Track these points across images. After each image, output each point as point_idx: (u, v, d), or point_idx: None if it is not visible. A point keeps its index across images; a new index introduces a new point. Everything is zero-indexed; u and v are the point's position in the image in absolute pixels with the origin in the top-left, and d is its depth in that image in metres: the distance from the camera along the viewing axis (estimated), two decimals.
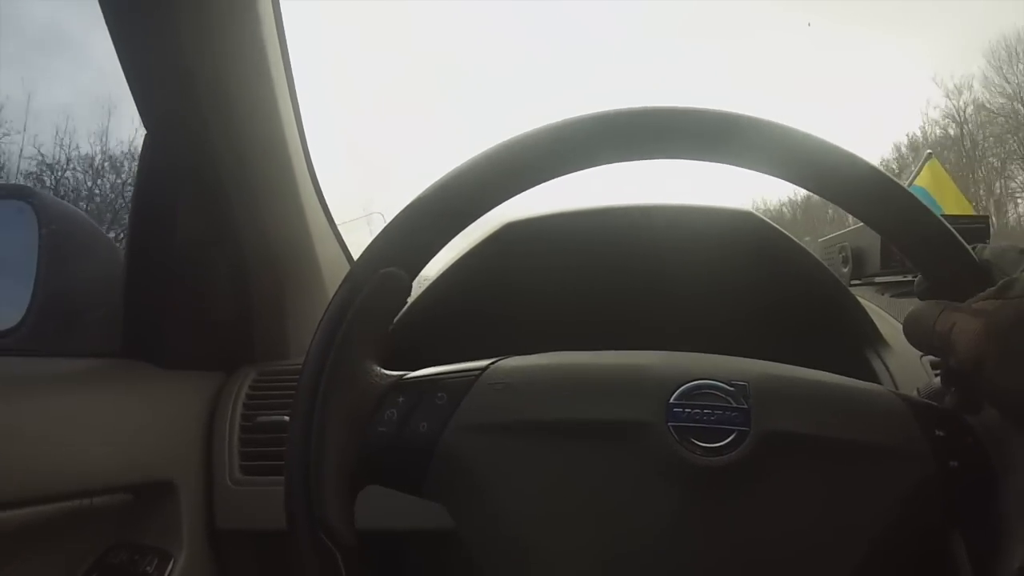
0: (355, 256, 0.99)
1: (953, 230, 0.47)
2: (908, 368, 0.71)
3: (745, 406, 0.44)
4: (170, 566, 0.72)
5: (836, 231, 1.16)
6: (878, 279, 1.05)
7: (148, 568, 0.71)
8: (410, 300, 0.76)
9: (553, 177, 0.50)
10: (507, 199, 0.51)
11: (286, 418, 0.76)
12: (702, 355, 0.49)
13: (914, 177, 1.66)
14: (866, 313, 0.78)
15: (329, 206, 0.94)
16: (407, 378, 0.48)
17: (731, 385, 0.45)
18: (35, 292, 0.75)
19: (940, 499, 0.43)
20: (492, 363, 0.48)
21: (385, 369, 0.48)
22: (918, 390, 0.55)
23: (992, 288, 0.42)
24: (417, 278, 0.50)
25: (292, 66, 0.84)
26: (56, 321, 0.76)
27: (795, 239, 0.76)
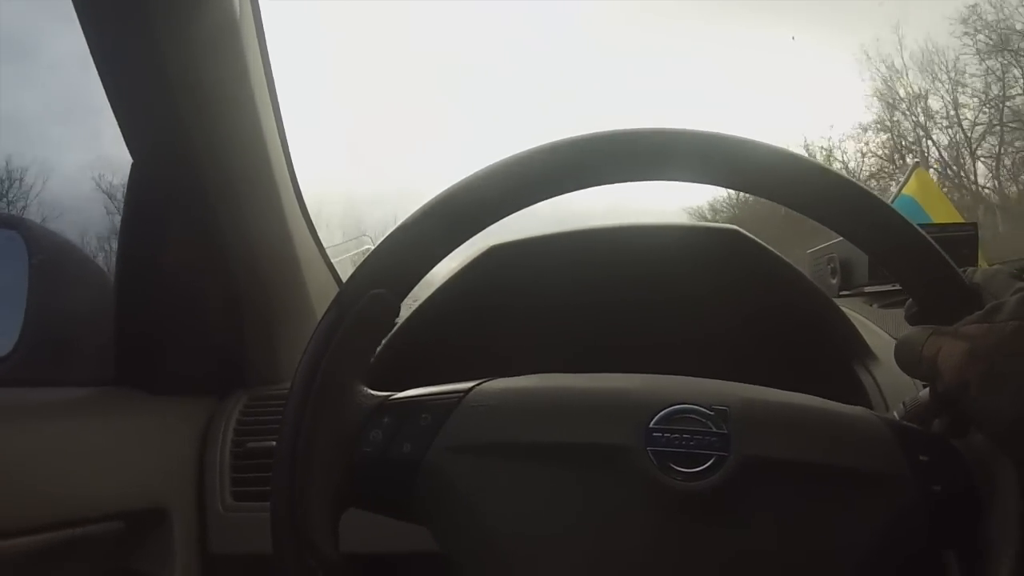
0: (344, 279, 0.99)
1: (944, 254, 0.46)
2: (896, 381, 0.71)
3: (725, 431, 0.44)
4: None
5: None
6: (867, 289, 1.05)
7: None
8: (399, 321, 0.77)
9: (542, 199, 0.50)
10: (495, 222, 0.51)
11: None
12: (684, 378, 0.49)
13: (901, 187, 1.65)
14: (853, 327, 0.78)
15: (316, 228, 0.94)
16: (392, 399, 0.49)
17: (711, 410, 0.45)
18: (26, 321, 0.75)
19: (925, 523, 0.43)
20: (476, 385, 0.48)
21: (373, 389, 0.49)
22: (904, 403, 0.55)
23: (980, 312, 0.42)
24: (405, 299, 0.51)
25: (276, 88, 0.85)
26: (47, 350, 0.77)
27: (781, 255, 0.76)
